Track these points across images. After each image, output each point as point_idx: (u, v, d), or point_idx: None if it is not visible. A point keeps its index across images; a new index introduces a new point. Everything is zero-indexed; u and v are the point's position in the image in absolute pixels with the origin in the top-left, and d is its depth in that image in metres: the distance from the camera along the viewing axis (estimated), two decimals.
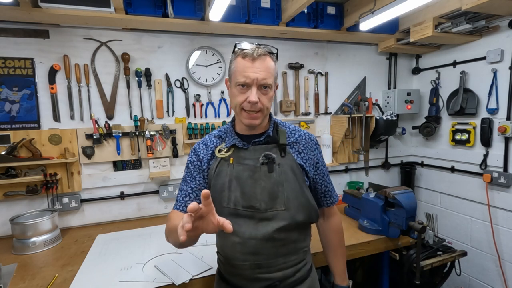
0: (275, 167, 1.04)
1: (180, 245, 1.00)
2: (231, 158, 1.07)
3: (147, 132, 2.04)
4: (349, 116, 2.51)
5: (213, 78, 2.24)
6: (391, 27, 2.39)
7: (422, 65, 2.84)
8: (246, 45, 1.00)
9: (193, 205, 0.68)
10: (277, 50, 1.06)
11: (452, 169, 2.56)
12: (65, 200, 1.95)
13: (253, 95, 0.97)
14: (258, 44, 1.01)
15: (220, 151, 1.10)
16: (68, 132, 1.91)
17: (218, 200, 1.04)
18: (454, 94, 2.46)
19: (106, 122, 2.00)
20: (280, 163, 1.05)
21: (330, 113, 2.66)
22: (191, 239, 0.89)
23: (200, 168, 1.11)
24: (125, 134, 2.03)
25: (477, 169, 2.35)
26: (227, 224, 0.73)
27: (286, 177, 1.04)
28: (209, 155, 1.12)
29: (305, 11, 2.14)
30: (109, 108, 2.02)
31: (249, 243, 1.01)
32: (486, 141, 2.24)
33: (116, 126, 1.99)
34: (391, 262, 1.80)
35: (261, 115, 1.02)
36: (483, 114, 2.28)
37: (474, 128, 2.34)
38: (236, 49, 1.02)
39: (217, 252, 1.18)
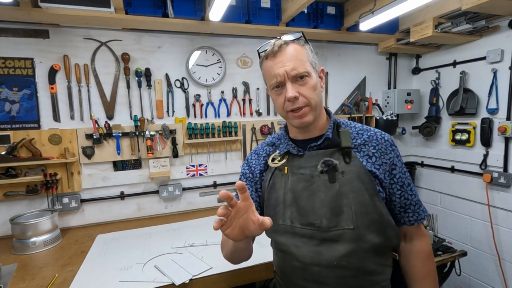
0: (337, 175, 0.86)
1: (233, 258, 0.95)
2: (285, 168, 0.93)
3: (147, 132, 2.04)
4: (349, 116, 2.51)
5: (213, 78, 2.24)
6: (391, 27, 2.39)
7: (422, 65, 2.84)
8: (265, 45, 0.89)
9: (224, 191, 0.64)
10: (302, 33, 0.91)
11: (452, 169, 2.56)
12: (65, 200, 1.95)
13: (289, 90, 0.83)
14: (278, 37, 0.89)
15: (273, 160, 0.97)
16: (68, 132, 1.91)
17: (273, 216, 0.88)
18: (454, 94, 2.46)
19: (106, 122, 2.00)
20: (345, 170, 0.86)
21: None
22: (240, 247, 0.88)
23: (252, 180, 1.00)
24: (125, 134, 2.03)
25: (477, 169, 2.35)
26: (266, 220, 0.68)
27: (352, 187, 0.84)
28: (262, 166, 1.00)
29: (305, 11, 2.14)
30: (109, 108, 2.02)
31: (311, 270, 0.86)
32: (486, 141, 2.23)
33: (116, 126, 1.99)
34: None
35: (310, 110, 0.86)
36: (483, 114, 2.28)
37: (474, 128, 2.34)
38: (259, 54, 0.92)
39: (274, 271, 1.06)
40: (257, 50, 0.93)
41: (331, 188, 0.85)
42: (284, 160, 0.94)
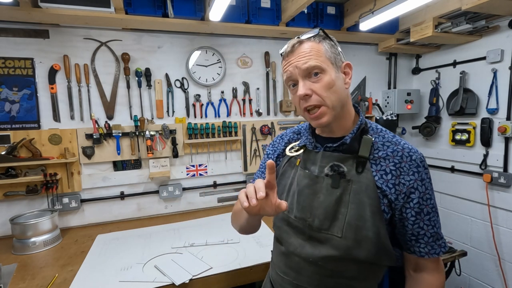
0: (342, 182, 0.83)
1: (242, 228, 1.00)
2: (298, 160, 0.94)
3: (147, 132, 2.04)
4: None
5: (213, 78, 2.24)
6: (391, 27, 2.39)
7: (422, 65, 2.84)
8: (284, 46, 0.88)
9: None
10: (320, 29, 0.85)
11: (452, 169, 2.56)
12: (65, 200, 1.95)
13: (299, 88, 0.81)
14: (297, 36, 0.86)
15: (291, 148, 0.98)
16: (68, 132, 1.91)
17: None
18: (454, 94, 2.46)
19: (106, 122, 2.00)
20: (353, 180, 0.82)
21: None
22: (253, 224, 0.94)
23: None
24: (125, 134, 2.03)
25: (477, 169, 2.35)
26: (283, 203, 0.71)
27: (355, 199, 0.81)
28: (281, 150, 1.02)
29: (305, 11, 2.14)
30: (109, 108, 2.02)
31: (293, 258, 0.90)
32: (486, 141, 2.23)
33: (116, 126, 1.99)
34: None
35: (327, 110, 0.81)
36: (483, 114, 2.28)
37: (474, 128, 2.34)
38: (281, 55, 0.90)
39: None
40: (279, 52, 0.91)
41: (332, 193, 0.84)
42: (299, 152, 0.94)
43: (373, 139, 0.86)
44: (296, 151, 0.95)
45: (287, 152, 0.98)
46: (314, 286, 0.86)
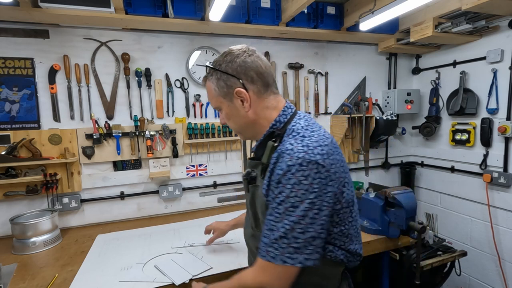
0: (251, 188, 0.96)
1: None
2: None
3: (147, 132, 2.04)
4: (349, 116, 2.51)
5: None
6: (391, 27, 2.39)
7: (422, 65, 2.84)
8: None
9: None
10: (209, 65, 0.93)
11: (452, 169, 2.56)
12: (65, 200, 1.95)
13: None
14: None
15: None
16: (68, 132, 1.91)
17: None
18: (454, 94, 2.46)
19: (106, 122, 2.00)
20: (259, 184, 0.91)
21: (330, 113, 2.66)
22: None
23: None
24: (125, 134, 2.03)
25: (477, 169, 2.35)
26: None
27: (258, 201, 0.93)
28: None
29: (305, 11, 2.14)
30: (109, 108, 2.02)
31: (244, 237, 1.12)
32: (486, 141, 2.24)
33: (116, 126, 1.98)
34: (391, 262, 1.79)
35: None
36: (483, 114, 2.28)
37: (474, 128, 2.34)
38: None
39: None
40: None
41: (247, 197, 1.00)
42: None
43: (282, 141, 0.86)
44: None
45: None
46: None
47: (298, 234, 0.78)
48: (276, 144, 0.87)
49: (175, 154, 2.15)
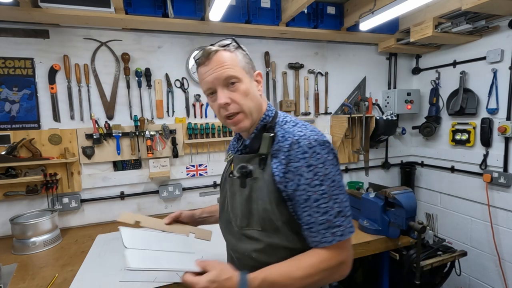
0: (249, 181, 0.89)
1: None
2: (232, 165, 0.99)
3: (147, 132, 2.04)
4: (349, 116, 2.51)
5: None
6: (391, 27, 2.39)
7: (422, 65, 2.84)
8: (199, 53, 0.91)
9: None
10: (232, 39, 0.91)
11: (452, 169, 2.56)
12: (65, 200, 1.95)
13: (219, 97, 0.85)
14: (211, 44, 0.91)
15: (228, 156, 1.04)
16: (68, 132, 1.91)
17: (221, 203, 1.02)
18: (454, 94, 2.46)
19: (106, 122, 2.00)
20: (258, 177, 0.88)
21: (330, 113, 2.66)
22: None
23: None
24: (125, 134, 2.03)
25: (477, 169, 2.35)
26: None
27: (261, 194, 0.87)
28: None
29: (305, 11, 2.14)
30: (109, 108, 2.02)
31: (230, 254, 1.02)
32: (486, 141, 2.23)
33: (116, 126, 1.98)
34: (391, 262, 1.80)
35: (244, 117, 0.88)
36: (483, 114, 2.28)
37: (474, 128, 2.34)
38: (196, 61, 0.94)
39: None
40: (193, 57, 0.99)
41: (242, 193, 0.90)
42: (230, 158, 1.03)
43: (276, 132, 0.89)
44: (229, 157, 1.04)
45: (226, 158, 1.07)
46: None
47: (346, 203, 0.84)
48: (272, 135, 0.88)
49: (175, 154, 2.15)
